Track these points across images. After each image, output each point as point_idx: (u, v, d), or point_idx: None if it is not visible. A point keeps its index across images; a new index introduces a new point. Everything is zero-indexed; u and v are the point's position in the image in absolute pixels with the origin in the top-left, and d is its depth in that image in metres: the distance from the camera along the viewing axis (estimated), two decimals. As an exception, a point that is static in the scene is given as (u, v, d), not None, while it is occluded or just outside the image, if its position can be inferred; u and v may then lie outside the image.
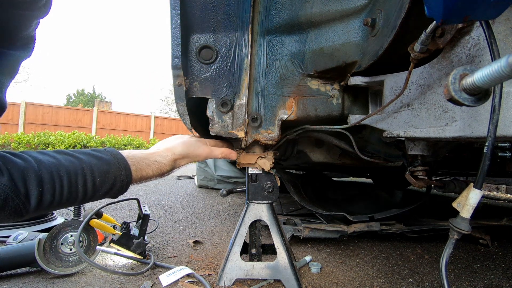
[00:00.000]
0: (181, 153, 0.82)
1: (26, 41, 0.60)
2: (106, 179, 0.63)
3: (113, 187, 0.65)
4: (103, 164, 0.63)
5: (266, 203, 0.96)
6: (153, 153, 0.77)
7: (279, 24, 0.86)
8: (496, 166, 1.23)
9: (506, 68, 0.34)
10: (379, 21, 0.67)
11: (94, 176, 0.61)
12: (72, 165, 0.58)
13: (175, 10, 0.77)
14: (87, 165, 0.60)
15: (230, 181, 3.24)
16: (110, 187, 0.64)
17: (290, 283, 0.89)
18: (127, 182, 0.67)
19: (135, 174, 0.69)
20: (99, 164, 0.62)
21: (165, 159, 0.78)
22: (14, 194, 0.50)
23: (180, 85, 0.83)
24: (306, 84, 0.90)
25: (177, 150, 0.82)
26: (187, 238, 1.44)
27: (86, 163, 0.60)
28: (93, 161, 0.62)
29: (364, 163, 1.18)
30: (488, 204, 2.81)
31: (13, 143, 7.44)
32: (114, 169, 0.64)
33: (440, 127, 0.56)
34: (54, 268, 0.96)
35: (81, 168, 0.59)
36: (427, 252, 1.34)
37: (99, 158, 0.64)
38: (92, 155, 0.64)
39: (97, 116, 11.46)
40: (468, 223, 0.52)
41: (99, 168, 0.62)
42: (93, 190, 0.61)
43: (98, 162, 0.63)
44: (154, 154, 0.77)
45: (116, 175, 0.64)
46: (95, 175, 0.61)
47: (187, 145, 0.84)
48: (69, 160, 0.59)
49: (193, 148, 0.85)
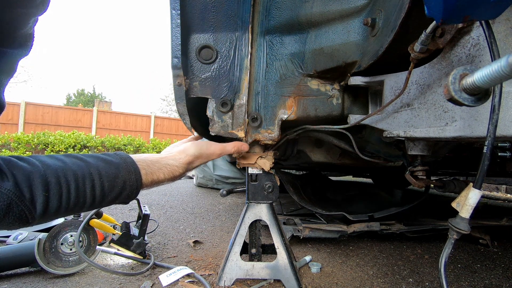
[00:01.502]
0: (195, 154, 0.80)
1: (24, 39, 0.59)
2: (115, 184, 0.61)
3: (123, 192, 0.62)
4: (112, 167, 0.61)
5: (266, 203, 0.96)
6: (164, 157, 0.76)
7: (279, 24, 0.86)
8: (496, 166, 1.24)
9: (506, 68, 0.34)
10: (379, 21, 0.67)
11: (103, 180, 0.59)
12: (80, 169, 0.56)
13: (175, 10, 0.77)
14: (95, 168, 0.58)
15: (229, 182, 3.24)
16: (120, 192, 0.62)
17: (290, 283, 0.89)
18: (137, 187, 0.65)
19: (146, 178, 0.67)
20: (108, 168, 0.60)
21: (177, 162, 0.76)
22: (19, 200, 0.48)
23: (180, 85, 0.83)
24: (306, 84, 0.90)
25: (190, 152, 0.80)
26: (187, 238, 1.44)
27: (94, 166, 0.59)
28: (102, 164, 0.60)
29: (364, 163, 1.18)
30: (488, 204, 2.81)
31: (12, 143, 7.43)
32: (123, 173, 0.62)
33: (440, 127, 0.56)
34: (54, 268, 0.96)
35: (89, 172, 0.57)
36: (427, 252, 1.34)
37: (108, 162, 0.62)
38: (101, 159, 0.62)
39: (97, 116, 11.45)
40: (467, 223, 0.52)
41: (108, 172, 0.60)
42: (101, 195, 0.59)
43: (107, 166, 0.60)
44: (166, 157, 0.76)
45: (125, 179, 0.62)
46: (104, 179, 0.59)
47: (200, 145, 0.83)
48: (77, 164, 0.57)
49: (205, 147, 0.83)
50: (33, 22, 0.59)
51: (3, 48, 0.56)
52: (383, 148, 1.00)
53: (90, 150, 8.31)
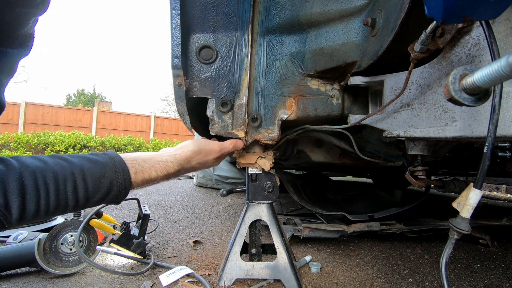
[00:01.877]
0: (194, 150, 0.79)
1: (24, 39, 0.59)
2: (101, 184, 0.58)
3: (110, 192, 0.60)
4: (97, 167, 0.58)
5: (266, 203, 0.96)
6: (159, 154, 0.73)
7: (279, 24, 0.86)
8: (496, 166, 1.24)
9: (506, 68, 0.34)
10: (379, 21, 0.67)
11: (86, 181, 0.56)
12: (62, 170, 0.54)
13: (175, 10, 0.77)
14: (79, 169, 0.56)
15: (229, 182, 3.24)
16: (106, 193, 0.59)
17: (290, 283, 0.89)
18: (125, 187, 0.62)
19: (135, 177, 0.65)
20: (93, 168, 0.58)
21: (172, 158, 0.74)
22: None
23: (180, 85, 0.83)
24: (306, 84, 0.90)
25: (188, 148, 0.79)
26: (187, 238, 1.44)
27: (77, 167, 0.56)
28: (87, 164, 0.58)
29: (364, 163, 1.18)
30: (488, 204, 2.81)
31: (12, 143, 7.43)
32: (110, 172, 0.60)
33: (440, 127, 0.56)
34: (54, 268, 0.96)
35: (71, 173, 0.54)
36: (427, 252, 1.34)
37: (94, 161, 0.59)
38: (87, 159, 0.59)
39: (97, 116, 11.45)
40: (468, 223, 0.52)
41: (93, 172, 0.57)
42: (85, 196, 0.56)
43: (92, 166, 0.58)
44: (160, 154, 0.74)
45: (112, 179, 0.60)
46: (87, 180, 0.56)
47: (199, 142, 0.83)
48: (59, 165, 0.54)
49: (204, 144, 0.83)
50: (33, 22, 0.58)
51: (3, 48, 0.56)
52: (383, 148, 1.00)
53: (90, 150, 8.32)
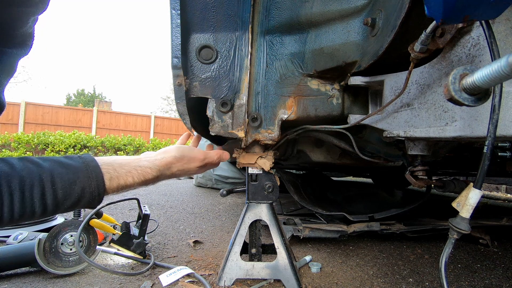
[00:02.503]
0: (175, 156, 0.77)
1: (23, 39, 0.59)
2: (72, 191, 0.55)
3: (81, 199, 0.57)
4: (69, 173, 0.56)
5: (266, 203, 0.96)
6: (137, 159, 0.71)
7: (279, 24, 0.86)
8: (496, 166, 1.23)
9: (506, 68, 0.34)
10: (379, 21, 0.67)
11: (55, 188, 0.53)
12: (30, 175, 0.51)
13: (175, 10, 0.77)
14: (48, 174, 0.53)
15: (229, 182, 3.24)
16: (77, 199, 0.57)
17: (290, 283, 0.89)
18: (99, 194, 0.59)
19: (110, 183, 0.61)
20: (64, 173, 0.55)
21: (151, 164, 0.71)
22: None
23: (180, 85, 0.83)
24: (306, 84, 0.90)
25: (170, 153, 0.77)
26: (187, 238, 1.44)
27: (47, 172, 0.53)
28: (58, 169, 0.55)
29: (364, 163, 1.18)
30: (488, 204, 2.81)
31: (13, 143, 7.43)
32: (82, 178, 0.57)
33: (440, 127, 0.56)
34: (54, 268, 0.96)
35: (40, 179, 0.52)
36: (427, 252, 1.34)
37: (66, 166, 0.56)
38: (59, 163, 0.56)
39: (97, 116, 11.45)
40: (467, 223, 0.52)
41: (63, 178, 0.55)
42: (54, 203, 0.54)
43: (63, 171, 0.55)
44: (140, 159, 0.71)
45: (84, 186, 0.57)
46: (57, 186, 0.53)
47: (182, 148, 0.81)
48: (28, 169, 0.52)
49: (188, 151, 0.81)
50: (33, 21, 0.58)
51: (3, 48, 0.56)
52: (383, 148, 1.00)
53: (90, 150, 8.32)
